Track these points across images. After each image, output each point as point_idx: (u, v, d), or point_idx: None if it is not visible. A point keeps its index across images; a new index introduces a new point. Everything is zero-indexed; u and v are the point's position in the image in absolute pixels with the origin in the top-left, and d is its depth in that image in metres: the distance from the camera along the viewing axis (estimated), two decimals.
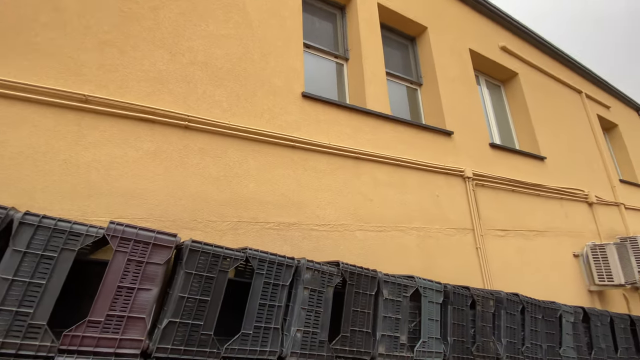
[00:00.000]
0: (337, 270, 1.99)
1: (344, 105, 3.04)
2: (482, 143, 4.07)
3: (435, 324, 2.22)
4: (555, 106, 5.73)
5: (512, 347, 2.51)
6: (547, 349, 2.74)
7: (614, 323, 3.53)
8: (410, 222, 3.03)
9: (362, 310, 1.98)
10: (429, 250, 3.02)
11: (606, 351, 3.30)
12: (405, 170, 3.22)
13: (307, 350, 1.80)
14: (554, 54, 6.19)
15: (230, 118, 2.42)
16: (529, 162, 4.58)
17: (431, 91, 4.02)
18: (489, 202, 3.73)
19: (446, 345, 2.21)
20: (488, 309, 2.49)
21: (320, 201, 2.60)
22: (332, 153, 2.79)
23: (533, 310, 2.72)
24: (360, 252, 2.66)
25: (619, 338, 3.53)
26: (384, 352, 1.97)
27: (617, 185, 6.04)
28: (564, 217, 4.56)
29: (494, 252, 3.47)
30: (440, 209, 3.26)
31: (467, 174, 3.58)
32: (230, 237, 2.17)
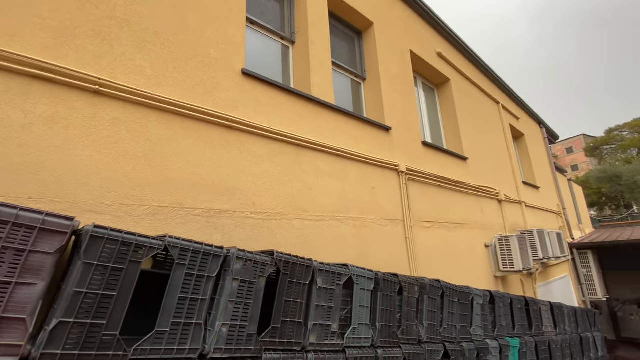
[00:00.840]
0: (271, 259, 1.88)
1: (288, 89, 2.91)
2: (415, 141, 4.32)
3: (366, 310, 2.27)
4: (478, 113, 6.39)
5: (433, 329, 2.71)
6: (461, 328, 3.04)
7: (512, 304, 4.09)
8: (347, 212, 3.06)
9: (295, 300, 1.91)
10: (364, 240, 3.10)
11: (506, 328, 3.81)
12: (345, 161, 3.24)
13: (234, 345, 1.67)
14: (480, 65, 6.89)
15: (154, 88, 2.11)
16: (454, 161, 5.03)
17: (374, 86, 4.12)
18: (418, 196, 3.98)
19: (375, 330, 2.27)
20: (413, 294, 2.64)
21: (257, 188, 2.45)
22: (273, 138, 2.65)
23: (451, 294, 2.98)
24: (297, 242, 2.59)
25: (516, 317, 4.10)
26: (314, 342, 1.94)
27: (520, 186, 7.03)
28: (479, 212, 5.13)
29: (421, 242, 3.73)
30: (375, 201, 3.37)
31: (401, 169, 3.76)
32: (149, 224, 1.90)
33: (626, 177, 19.30)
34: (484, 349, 3.22)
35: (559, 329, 5.15)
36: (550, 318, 5.11)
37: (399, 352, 2.36)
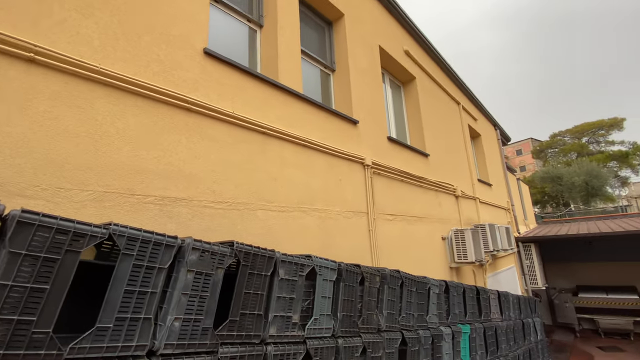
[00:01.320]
0: (231, 250, 1.79)
1: (254, 74, 2.79)
2: (381, 135, 4.39)
3: (328, 301, 2.26)
4: (440, 112, 6.66)
5: (391, 318, 2.79)
6: (418, 317, 3.16)
7: (465, 293, 4.35)
8: (312, 204, 3.03)
9: (256, 292, 1.85)
10: (328, 231, 3.09)
11: (458, 315, 4.04)
12: (312, 152, 3.20)
13: (187, 339, 1.57)
14: (444, 66, 7.17)
15: (102, 61, 1.90)
16: (416, 157, 5.20)
17: (343, 79, 4.10)
18: (382, 190, 4.06)
19: (336, 320, 2.28)
20: (374, 284, 2.69)
21: (218, 176, 2.32)
22: (236, 124, 2.53)
23: (409, 284, 3.08)
24: (260, 233, 2.51)
25: (468, 305, 4.37)
26: (275, 334, 1.89)
27: (475, 183, 7.48)
28: (437, 206, 5.37)
29: (383, 234, 3.82)
30: (341, 193, 3.37)
31: (367, 162, 3.80)
32: (93, 211, 1.72)
33: (566, 178, 21.45)
34: (439, 336, 3.39)
35: (504, 316, 5.59)
36: (498, 305, 5.53)
37: (359, 341, 2.39)
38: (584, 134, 32.86)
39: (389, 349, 2.66)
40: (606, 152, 29.67)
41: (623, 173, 28.29)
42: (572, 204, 20.74)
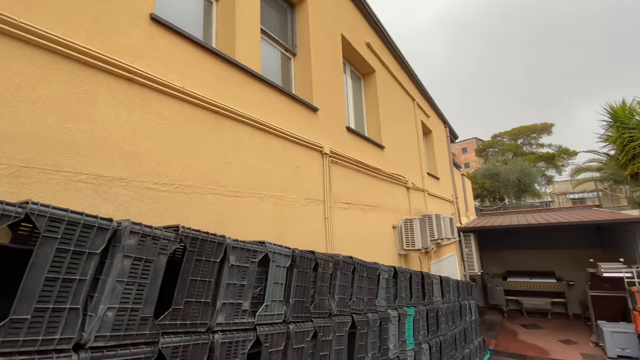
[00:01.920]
0: (175, 235, 1.67)
1: (208, 48, 2.59)
2: (340, 125, 4.41)
3: (280, 287, 2.24)
4: (396, 106, 6.89)
5: (343, 302, 2.85)
6: (367, 300, 3.28)
7: (412, 278, 4.62)
8: (268, 190, 2.95)
9: (203, 279, 1.75)
10: (284, 218, 3.05)
11: (405, 299, 4.28)
12: (270, 136, 3.10)
13: (123, 330, 1.44)
14: (402, 62, 7.40)
15: (24, 15, 1.61)
16: (373, 148, 5.34)
17: (304, 64, 4.02)
18: (339, 178, 4.11)
19: (288, 306, 2.27)
20: (328, 270, 2.72)
21: (163, 155, 2.14)
22: (187, 100, 2.35)
23: (361, 270, 3.18)
24: (210, 218, 2.38)
25: (414, 289, 4.66)
26: (223, 321, 1.82)
27: (425, 176, 7.93)
28: (390, 197, 5.60)
29: (338, 222, 3.87)
30: (298, 180, 3.34)
31: (325, 151, 3.80)
32: (7, 188, 1.48)
33: (502, 175, 23.82)
34: (386, 318, 3.56)
35: (445, 299, 6.08)
36: (440, 289, 5.99)
37: (310, 325, 2.41)
38: (519, 136, 36.59)
39: (339, 332, 2.73)
40: (537, 153, 33.43)
41: (549, 172, 32.16)
42: (506, 199, 23.19)
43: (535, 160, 31.26)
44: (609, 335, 7.68)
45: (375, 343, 3.30)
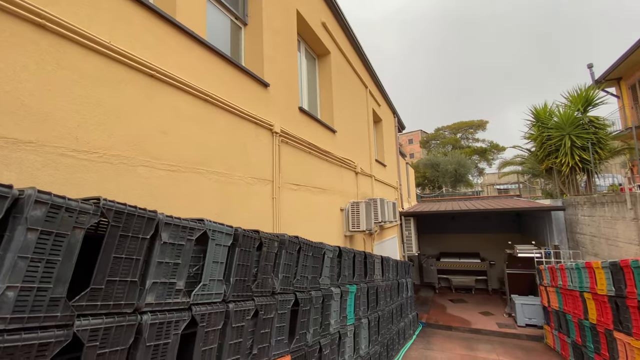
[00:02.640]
0: (96, 208, 1.48)
1: (143, 2, 2.29)
2: (292, 104, 4.31)
3: (220, 266, 2.15)
4: (350, 92, 6.95)
5: (286, 281, 2.86)
6: (312, 279, 3.34)
7: (355, 257, 4.82)
8: (211, 166, 2.78)
9: (130, 257, 1.60)
10: (229, 196, 2.92)
11: (348, 277, 4.46)
12: (215, 109, 2.90)
13: (27, 312, 1.25)
14: (357, 48, 7.44)
15: None
16: (325, 132, 5.34)
17: (255, 36, 3.81)
18: (289, 159, 4.05)
19: (228, 285, 2.19)
20: (272, 249, 2.69)
21: (84, 118, 1.87)
22: (116, 59, 2.06)
23: (306, 249, 3.20)
24: (143, 193, 2.17)
25: (357, 268, 4.87)
26: (153, 301, 1.69)
27: (373, 162, 8.22)
28: (339, 181, 5.70)
29: (287, 203, 3.84)
30: (245, 157, 3.20)
31: (275, 129, 3.69)
32: None
33: (442, 165, 25.88)
34: (329, 296, 3.68)
35: (384, 277, 6.49)
36: (380, 268, 6.37)
37: (251, 304, 2.37)
38: (459, 130, 39.81)
39: (281, 310, 2.74)
40: (472, 147, 36.77)
41: (481, 165, 35.68)
42: (444, 187, 25.31)
43: (470, 153, 34.42)
44: (519, 307, 8.94)
45: (318, 319, 3.40)
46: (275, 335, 2.64)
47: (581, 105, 9.92)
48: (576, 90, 10.18)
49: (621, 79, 14.01)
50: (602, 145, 9.65)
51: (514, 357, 6.67)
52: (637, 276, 4.04)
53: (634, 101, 13.29)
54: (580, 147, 9.55)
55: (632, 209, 6.08)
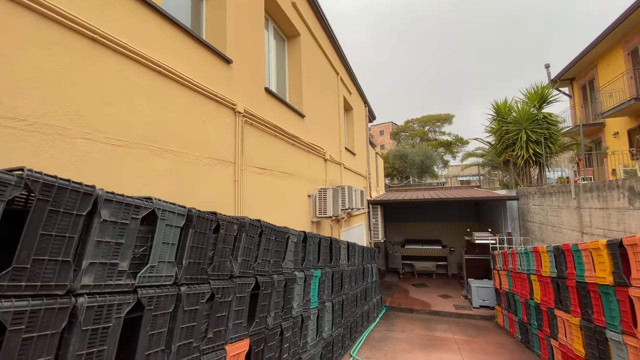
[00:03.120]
0: (18, 179, 1.32)
1: None
2: (258, 84, 4.16)
3: (171, 247, 2.04)
4: (320, 77, 6.85)
5: (247, 264, 2.79)
6: (274, 263, 3.30)
7: (320, 242, 4.84)
8: (165, 143, 2.61)
9: (61, 235, 1.45)
10: (184, 177, 2.76)
11: (312, 261, 4.47)
12: (171, 82, 2.71)
13: None
14: (329, 32, 7.31)
15: None
16: (293, 116, 5.24)
17: (218, 9, 3.58)
18: (254, 141, 3.92)
19: (180, 268, 2.09)
20: (231, 232, 2.60)
21: (11, 81, 1.64)
22: (51, 17, 1.82)
23: (269, 233, 3.15)
24: (83, 168, 1.98)
25: (322, 252, 4.90)
26: (90, 283, 1.56)
27: (343, 150, 8.25)
28: (307, 166, 5.66)
29: (250, 187, 3.73)
30: (204, 137, 3.04)
31: (239, 109, 3.54)
32: None
33: (410, 157, 26.70)
34: (292, 279, 3.67)
35: (350, 262, 6.62)
36: (346, 254, 6.48)
37: (207, 287, 2.29)
38: (427, 123, 41.12)
39: (240, 294, 2.68)
40: (439, 140, 38.22)
41: (446, 157, 37.26)
42: (411, 178, 26.22)
43: (437, 145, 35.78)
44: (474, 290, 9.55)
45: (279, 302, 3.38)
46: (233, 318, 2.58)
47: (537, 102, 10.57)
48: (533, 88, 10.81)
49: (574, 79, 15.07)
50: (553, 140, 10.39)
51: (468, 335, 7.14)
52: (576, 259, 4.42)
53: (584, 101, 14.41)
54: (535, 141, 10.22)
55: (575, 198, 6.63)
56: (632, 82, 11.14)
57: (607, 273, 3.64)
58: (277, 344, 3.32)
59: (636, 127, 11.03)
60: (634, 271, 3.21)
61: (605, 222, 5.56)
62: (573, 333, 4.52)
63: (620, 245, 3.41)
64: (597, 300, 3.91)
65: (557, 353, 5.03)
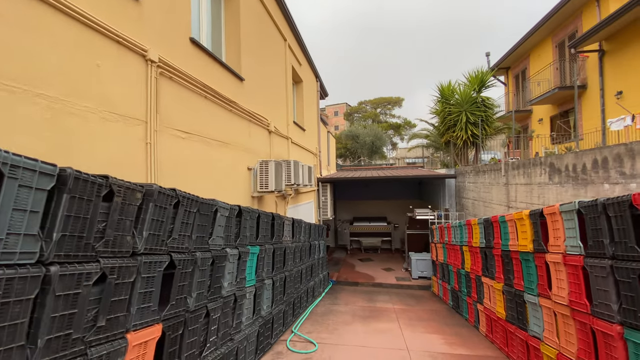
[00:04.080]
0: None
1: None
2: (180, 32, 3.55)
3: (32, 216, 1.55)
4: (264, 40, 6.27)
5: (156, 240, 2.37)
6: (197, 238, 2.90)
7: (260, 218, 4.51)
8: (40, 86, 2.01)
9: None
10: (68, 131, 2.19)
11: (250, 237, 4.14)
12: (48, 9, 2.06)
13: None
14: None
15: None
16: (229, 77, 4.69)
17: None
18: (174, 99, 3.36)
19: (47, 243, 1.61)
20: (132, 201, 2.14)
21: None
22: None
23: (189, 205, 2.72)
24: None
25: (262, 228, 4.57)
26: None
27: (290, 124, 7.85)
28: (247, 136, 5.19)
29: (170, 152, 3.22)
30: (99, 85, 2.45)
31: (151, 57, 2.95)
32: None
33: (361, 137, 27.18)
34: (221, 257, 3.31)
35: (295, 239, 6.43)
36: (291, 230, 6.25)
37: (94, 267, 1.84)
38: (379, 105, 42.06)
39: (148, 274, 2.26)
40: (389, 122, 39.44)
41: (395, 140, 38.73)
42: (362, 158, 26.81)
43: (387, 128, 36.93)
44: (414, 262, 10.09)
45: (204, 282, 3.02)
46: (137, 302, 2.18)
47: (477, 85, 11.13)
48: (475, 72, 11.35)
49: (509, 68, 16.22)
50: (489, 122, 11.12)
51: (406, 304, 7.52)
52: (502, 229, 4.70)
53: (517, 89, 15.64)
54: (473, 123, 10.84)
55: (505, 175, 7.13)
56: (557, 72, 12.27)
57: (529, 241, 3.89)
58: (202, 326, 2.99)
59: (557, 114, 12.26)
60: (551, 238, 3.43)
61: (528, 196, 6.05)
62: (496, 297, 4.89)
63: (540, 215, 3.63)
64: (518, 266, 4.21)
65: (482, 316, 5.46)
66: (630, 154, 3.60)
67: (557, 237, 3.31)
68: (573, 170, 4.68)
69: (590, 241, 2.80)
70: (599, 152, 4.17)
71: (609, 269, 2.55)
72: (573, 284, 3.05)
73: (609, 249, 2.57)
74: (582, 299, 2.91)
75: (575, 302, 3.01)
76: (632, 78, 8.90)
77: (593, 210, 2.74)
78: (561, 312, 3.26)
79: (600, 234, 2.66)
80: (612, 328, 2.51)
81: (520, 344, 4.10)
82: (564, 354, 3.21)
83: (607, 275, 2.58)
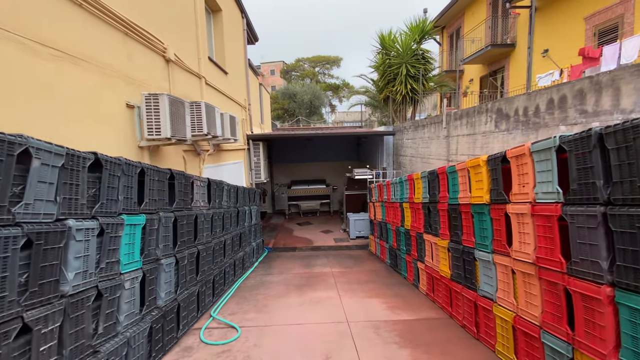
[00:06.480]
0: None
1: None
2: None
3: None
4: None
5: None
6: None
7: (146, 175, 3.17)
8: None
9: None
10: None
11: (126, 203, 2.83)
12: None
13: None
14: None
15: None
16: None
17: None
18: None
19: None
20: None
21: None
22: None
23: None
24: None
25: (152, 190, 3.26)
26: None
27: (204, 60, 6.18)
28: (124, 58, 3.59)
29: None
30: None
31: None
32: None
33: (299, 96, 25.60)
34: (52, 233, 1.99)
35: (213, 204, 5.20)
36: (205, 194, 4.98)
37: None
38: (317, 64, 40.19)
39: None
40: (327, 82, 38.17)
41: (334, 102, 37.93)
42: (300, 117, 25.49)
43: (326, 88, 35.70)
44: (352, 223, 9.69)
45: (9, 278, 1.72)
46: None
47: (418, 35, 10.50)
48: (416, 21, 10.65)
49: (444, 27, 16.04)
50: (428, 78, 10.75)
51: (344, 266, 7.03)
52: (450, 181, 4.15)
53: (450, 48, 15.64)
54: (413, 77, 10.33)
55: (446, 127, 6.72)
56: (489, 31, 12.29)
57: (485, 191, 3.33)
58: (15, 350, 1.74)
59: (487, 74, 12.50)
60: (515, 186, 2.86)
61: (471, 148, 5.68)
62: (440, 255, 4.48)
63: (503, 159, 3.03)
64: (469, 221, 3.71)
65: (423, 274, 5.11)
66: (596, 87, 3.12)
67: (524, 184, 2.73)
68: (524, 114, 4.25)
69: (574, 185, 2.20)
70: (556, 90, 3.70)
71: (601, 218, 1.97)
72: (543, 238, 2.51)
73: (603, 192, 1.97)
74: (555, 255, 2.39)
75: (544, 259, 2.50)
76: (558, 36, 9.11)
77: (582, 145, 2.11)
78: (522, 271, 2.78)
79: (591, 174, 2.06)
80: (599, 290, 1.99)
81: (468, 304, 3.72)
82: (523, 317, 2.78)
83: (597, 226, 2.00)
